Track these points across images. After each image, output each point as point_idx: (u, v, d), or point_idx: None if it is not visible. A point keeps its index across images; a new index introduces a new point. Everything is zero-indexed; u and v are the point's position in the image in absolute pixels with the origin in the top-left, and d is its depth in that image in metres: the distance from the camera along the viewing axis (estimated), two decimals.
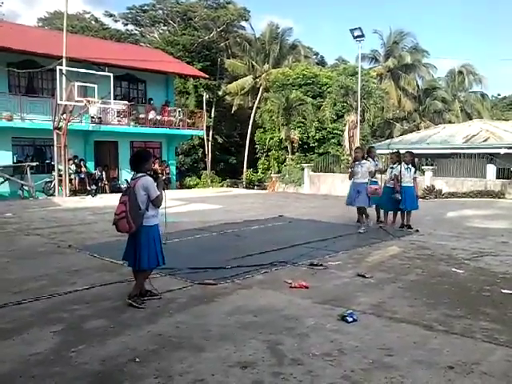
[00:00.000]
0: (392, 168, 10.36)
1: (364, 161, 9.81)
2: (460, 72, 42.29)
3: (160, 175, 5.77)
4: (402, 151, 10.80)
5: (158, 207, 5.07)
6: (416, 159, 11.98)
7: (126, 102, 22.70)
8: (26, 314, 4.76)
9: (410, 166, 10.15)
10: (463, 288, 5.74)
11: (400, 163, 10.34)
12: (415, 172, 10.25)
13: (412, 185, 10.12)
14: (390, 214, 10.61)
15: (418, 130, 34.44)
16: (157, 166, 23.77)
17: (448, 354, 3.82)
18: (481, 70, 51.88)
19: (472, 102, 42.56)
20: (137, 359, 3.69)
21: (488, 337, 4.16)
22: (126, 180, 20.82)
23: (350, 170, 10.22)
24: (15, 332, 4.28)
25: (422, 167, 21.67)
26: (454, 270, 6.64)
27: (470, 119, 35.38)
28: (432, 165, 21.39)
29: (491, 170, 21.56)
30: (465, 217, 12.52)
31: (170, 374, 3.44)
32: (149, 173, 5.16)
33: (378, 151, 24.30)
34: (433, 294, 5.44)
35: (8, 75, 19.43)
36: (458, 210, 13.93)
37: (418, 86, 40.42)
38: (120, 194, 5.19)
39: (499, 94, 57.93)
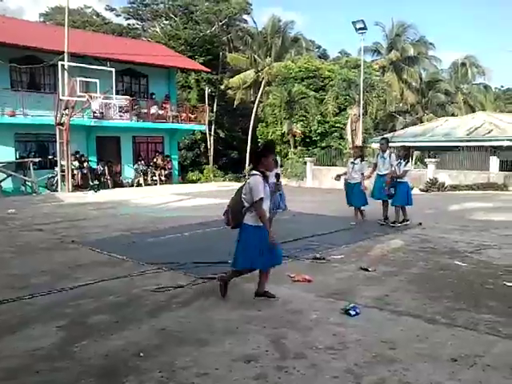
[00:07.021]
0: (353, 163, 10.01)
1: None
2: (463, 64, 41.95)
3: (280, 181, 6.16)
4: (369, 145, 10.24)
5: (256, 212, 4.73)
6: (418, 152, 11.58)
7: (128, 97, 22.68)
8: (30, 309, 4.79)
9: (401, 160, 9.81)
10: (466, 281, 5.73)
11: (362, 158, 10.07)
12: (405, 165, 9.80)
13: (405, 180, 9.80)
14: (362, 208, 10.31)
15: (421, 122, 34.29)
16: (160, 161, 23.86)
17: (451, 346, 3.82)
18: (484, 62, 51.61)
19: (475, 94, 42.20)
20: (141, 354, 3.70)
21: (491, 329, 4.16)
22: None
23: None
24: (20, 327, 4.31)
25: (425, 160, 21.61)
26: (457, 263, 6.63)
27: (473, 111, 35.20)
28: (435, 157, 21.33)
29: (494, 162, 21.50)
30: (468, 209, 12.48)
31: (173, 369, 3.46)
32: (262, 170, 4.81)
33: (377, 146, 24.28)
34: (436, 287, 5.44)
35: (10, 71, 19.41)
36: (460, 202, 13.89)
37: (420, 79, 40.19)
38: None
39: (502, 86, 57.42)
